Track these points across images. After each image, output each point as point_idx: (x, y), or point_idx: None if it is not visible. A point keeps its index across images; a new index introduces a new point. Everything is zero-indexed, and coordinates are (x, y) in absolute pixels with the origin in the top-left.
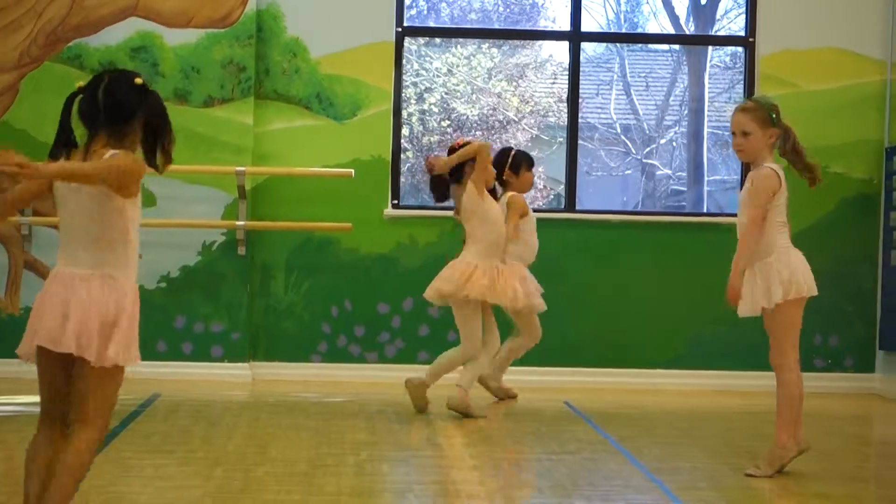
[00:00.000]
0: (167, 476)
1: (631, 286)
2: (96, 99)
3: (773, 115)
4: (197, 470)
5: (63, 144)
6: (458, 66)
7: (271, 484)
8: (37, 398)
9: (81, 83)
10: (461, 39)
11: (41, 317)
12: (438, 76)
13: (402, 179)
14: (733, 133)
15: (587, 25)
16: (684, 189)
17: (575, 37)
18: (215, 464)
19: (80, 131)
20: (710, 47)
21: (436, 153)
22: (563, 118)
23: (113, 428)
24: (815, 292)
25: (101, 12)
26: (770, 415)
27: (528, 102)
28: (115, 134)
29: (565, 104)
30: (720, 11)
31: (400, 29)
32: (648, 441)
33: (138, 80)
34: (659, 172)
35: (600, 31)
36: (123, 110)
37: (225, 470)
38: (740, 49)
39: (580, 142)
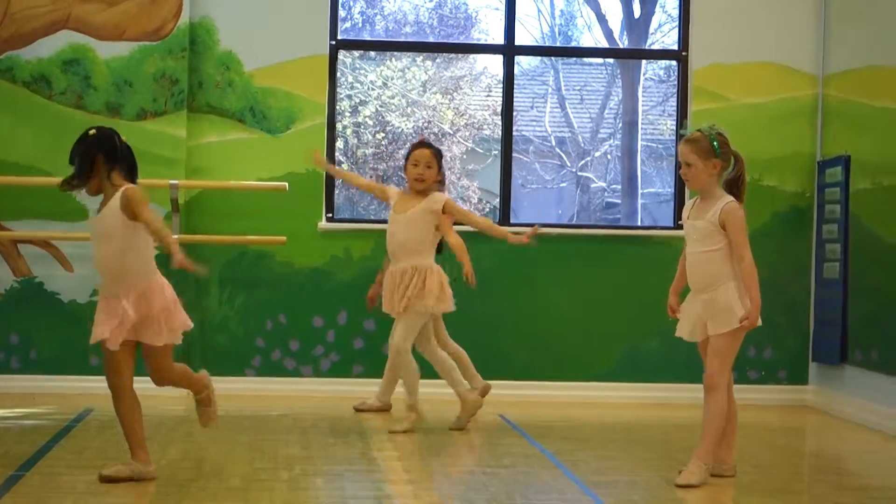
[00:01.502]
0: (99, 492)
1: (565, 299)
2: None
3: (716, 145)
4: (130, 486)
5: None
6: (392, 78)
7: (205, 500)
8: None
9: (93, 130)
10: (396, 52)
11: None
12: (373, 89)
13: (337, 192)
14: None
15: (521, 39)
16: (618, 202)
17: (509, 50)
18: (149, 479)
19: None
20: (644, 61)
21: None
22: (498, 131)
23: (44, 444)
24: None
25: (32, 25)
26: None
27: (462, 115)
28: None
29: (500, 117)
30: (653, 25)
31: (334, 42)
32: (584, 454)
33: None
34: (594, 185)
35: (535, 44)
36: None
37: (158, 485)
38: (674, 63)
39: (515, 154)
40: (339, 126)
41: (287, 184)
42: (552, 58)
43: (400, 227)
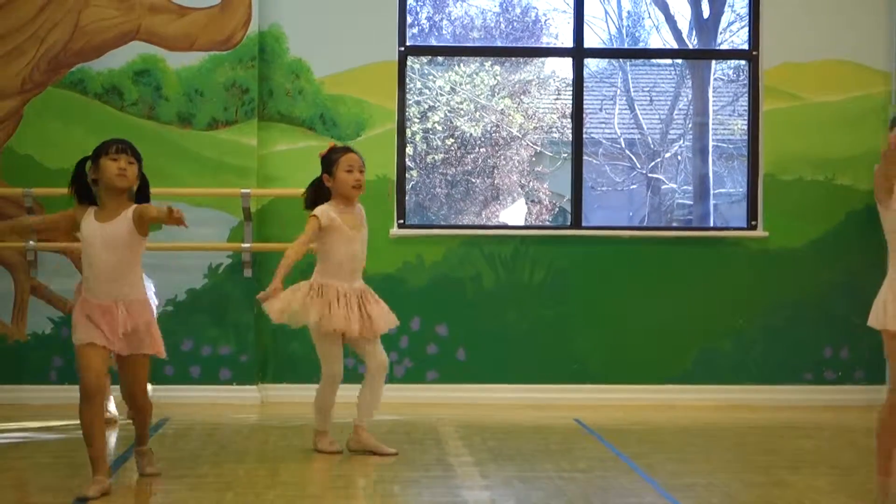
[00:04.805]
0: (177, 501)
1: (638, 301)
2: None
3: None
4: (207, 494)
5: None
6: (461, 84)
7: None
8: (41, 423)
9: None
10: (464, 57)
11: None
12: (442, 94)
13: (408, 198)
14: None
15: (590, 41)
16: (690, 203)
17: (578, 53)
18: (226, 488)
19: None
20: (714, 61)
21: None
22: (568, 134)
23: (122, 453)
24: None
25: (103, 37)
26: (780, 429)
27: (531, 119)
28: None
29: (569, 120)
30: (723, 24)
31: (402, 48)
32: (661, 457)
33: None
34: (664, 187)
35: (603, 46)
36: None
37: (236, 494)
38: (744, 62)
39: (585, 157)
40: (408, 132)
41: None
42: (620, 59)
43: (360, 245)
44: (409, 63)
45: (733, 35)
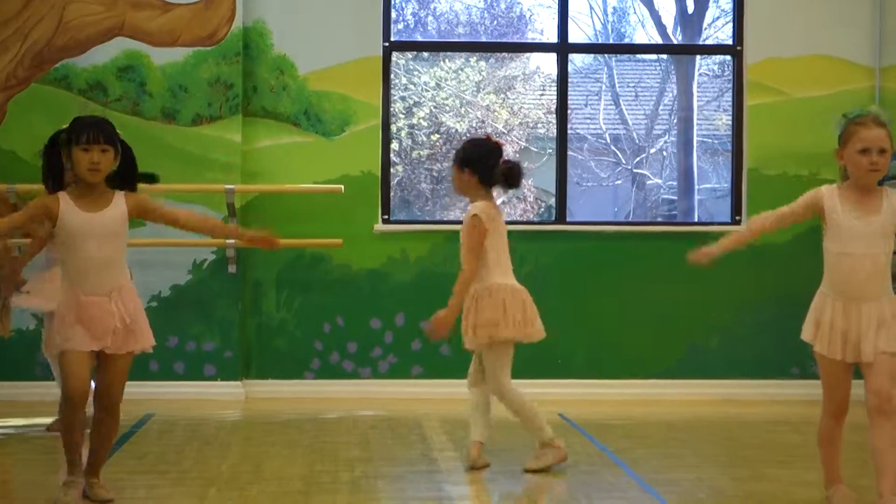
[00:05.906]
0: (161, 497)
1: (624, 296)
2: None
3: None
4: (191, 490)
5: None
6: (446, 79)
7: (266, 503)
8: (26, 420)
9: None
10: (449, 53)
11: None
12: (427, 90)
13: (392, 194)
14: (866, 150)
15: (574, 36)
16: (675, 198)
17: (562, 48)
18: (209, 484)
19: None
20: (698, 56)
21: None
22: (552, 129)
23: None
24: None
25: (87, 32)
26: (767, 423)
27: (516, 114)
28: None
29: (554, 115)
30: (707, 20)
31: (387, 44)
32: (646, 452)
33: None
34: (650, 182)
35: (588, 42)
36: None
37: (219, 490)
38: (728, 57)
39: (570, 153)
40: (393, 128)
41: (343, 186)
42: (605, 55)
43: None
44: (393, 59)
45: (718, 30)
